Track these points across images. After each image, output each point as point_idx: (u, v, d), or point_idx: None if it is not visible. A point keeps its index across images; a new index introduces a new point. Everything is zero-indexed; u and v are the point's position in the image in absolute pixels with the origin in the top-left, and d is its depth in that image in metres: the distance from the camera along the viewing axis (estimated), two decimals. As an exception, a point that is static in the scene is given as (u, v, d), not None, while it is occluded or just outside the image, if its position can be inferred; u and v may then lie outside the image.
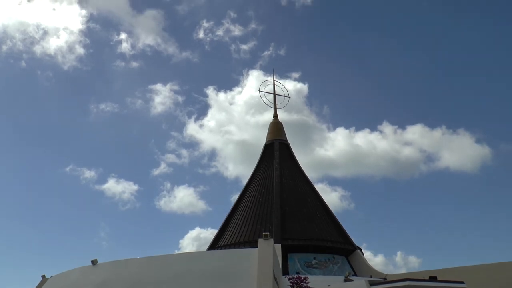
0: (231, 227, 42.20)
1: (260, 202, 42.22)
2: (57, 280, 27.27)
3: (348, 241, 40.46)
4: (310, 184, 46.76)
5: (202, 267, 22.04)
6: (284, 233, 37.11)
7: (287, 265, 35.07)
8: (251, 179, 47.88)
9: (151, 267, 23.03)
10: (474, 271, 30.68)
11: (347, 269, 37.01)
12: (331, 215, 43.21)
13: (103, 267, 24.78)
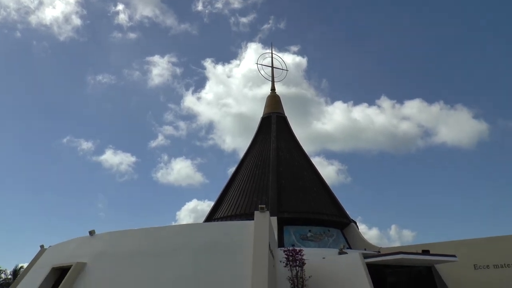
0: (227, 199, 42.47)
1: (257, 175, 42.41)
2: (55, 250, 27.53)
3: (343, 215, 40.82)
4: (306, 157, 46.91)
5: (198, 238, 22.24)
6: (280, 206, 37.37)
7: (283, 237, 35.42)
8: (248, 152, 47.99)
9: (148, 238, 23.24)
10: (466, 245, 31.11)
11: (341, 242, 37.43)
12: (327, 188, 43.48)
13: (100, 238, 25.00)
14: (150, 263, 21.64)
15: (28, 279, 26.68)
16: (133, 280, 21.16)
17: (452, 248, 28.55)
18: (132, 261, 22.11)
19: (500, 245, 30.63)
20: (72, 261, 23.57)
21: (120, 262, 22.39)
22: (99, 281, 22.01)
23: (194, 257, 21.21)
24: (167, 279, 20.56)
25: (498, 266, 30.02)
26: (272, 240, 25.04)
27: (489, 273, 30.09)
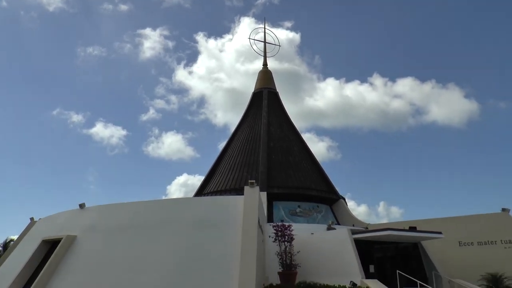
0: (217, 174, 42.62)
1: (247, 150, 42.51)
2: (45, 223, 27.59)
3: (332, 191, 41.17)
4: (297, 133, 47.03)
5: (188, 213, 22.35)
6: (270, 181, 37.57)
7: (272, 212, 35.73)
8: (239, 127, 48.01)
9: (139, 212, 23.31)
10: (452, 222, 31.68)
11: (330, 217, 37.85)
12: (317, 164, 43.74)
13: (90, 211, 25.05)
14: (141, 236, 21.79)
15: (18, 252, 26.79)
16: (123, 254, 21.32)
17: (438, 225, 29.04)
18: (122, 234, 22.24)
19: (485, 222, 31.24)
20: (63, 234, 23.67)
21: (110, 236, 22.53)
22: (89, 254, 22.16)
23: (184, 231, 21.37)
24: (157, 253, 20.73)
25: (482, 243, 30.65)
26: (262, 215, 25.27)
27: (473, 250, 30.73)
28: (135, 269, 20.39)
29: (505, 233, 30.28)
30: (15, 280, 22.88)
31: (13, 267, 24.31)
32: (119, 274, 20.40)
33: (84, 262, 21.87)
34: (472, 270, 28.33)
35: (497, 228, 30.69)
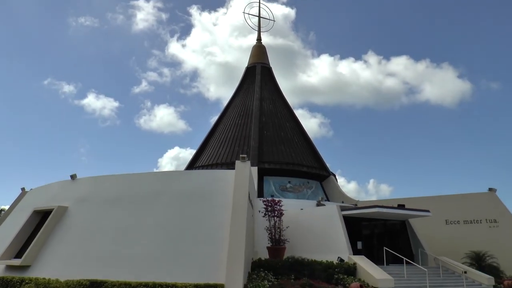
0: (209, 148, 42.68)
1: (239, 125, 42.51)
2: (36, 193, 27.65)
3: (323, 167, 41.43)
4: (290, 109, 47.03)
5: (179, 186, 22.46)
6: (261, 156, 37.71)
7: (262, 187, 35.95)
8: (231, 101, 47.89)
9: (130, 184, 23.41)
10: (440, 201, 32.14)
11: (320, 194, 38.20)
12: (309, 141, 43.88)
13: (82, 182, 25.12)
14: (132, 208, 21.94)
15: (10, 222, 26.91)
16: (114, 225, 21.50)
17: (426, 204, 29.43)
18: (113, 206, 22.38)
19: (472, 202, 31.72)
20: (54, 204, 23.77)
21: (101, 207, 22.67)
22: (80, 225, 22.32)
23: (175, 204, 21.52)
24: (148, 225, 20.92)
25: (468, 222, 31.18)
26: (252, 190, 25.46)
27: (459, 228, 31.27)
28: (126, 240, 20.60)
29: (491, 212, 30.81)
30: (7, 249, 23.06)
31: (5, 237, 24.46)
32: (110, 245, 20.61)
33: (75, 233, 22.04)
34: (457, 248, 28.90)
35: (483, 208, 31.21)
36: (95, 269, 19.23)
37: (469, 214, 31.28)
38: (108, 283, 17.76)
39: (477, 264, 27.55)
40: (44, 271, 20.29)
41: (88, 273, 18.85)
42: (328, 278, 21.71)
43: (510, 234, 29.74)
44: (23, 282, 19.48)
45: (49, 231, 22.52)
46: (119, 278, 18.03)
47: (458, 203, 32.07)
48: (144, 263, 19.26)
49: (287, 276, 20.80)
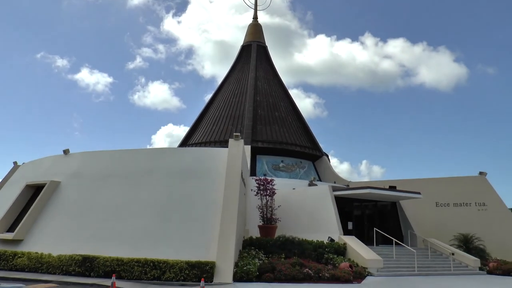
0: (203, 125, 42.62)
1: (233, 103, 42.42)
2: (28, 167, 27.59)
3: (316, 147, 41.55)
4: (284, 88, 46.92)
5: (172, 163, 22.50)
6: (255, 135, 37.74)
7: (255, 166, 36.07)
8: (226, 79, 47.71)
9: (123, 160, 23.42)
10: (431, 183, 32.40)
11: (312, 174, 38.39)
12: (303, 120, 43.91)
13: (75, 157, 25.06)
14: (124, 184, 21.99)
15: (2, 195, 26.87)
16: (106, 201, 21.56)
17: (417, 186, 29.69)
18: (106, 182, 22.42)
19: (462, 185, 32.01)
20: (46, 179, 23.76)
21: (94, 183, 22.69)
22: (73, 201, 22.35)
23: (167, 181, 21.58)
24: (140, 201, 20.99)
25: (457, 205, 31.49)
26: (245, 168, 25.54)
27: (449, 210, 31.61)
28: (118, 216, 20.70)
29: (480, 196, 31.14)
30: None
31: (-3, 210, 24.46)
32: (103, 221, 20.70)
33: (68, 208, 22.09)
34: (446, 230, 29.26)
35: (473, 191, 31.53)
36: (88, 244, 19.35)
37: (459, 197, 31.60)
38: (100, 258, 17.90)
39: (464, 246, 27.93)
40: (37, 246, 20.39)
41: (81, 248, 18.99)
42: (318, 258, 21.97)
43: (498, 217, 30.16)
44: (16, 256, 19.57)
45: (42, 205, 22.55)
46: (111, 254, 18.18)
47: (449, 186, 32.37)
48: (136, 239, 19.39)
49: (277, 254, 21.02)
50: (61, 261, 18.46)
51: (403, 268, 22.87)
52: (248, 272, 17.54)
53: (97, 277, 17.58)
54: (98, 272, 17.68)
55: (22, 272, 18.66)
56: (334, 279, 18.58)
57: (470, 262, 24.84)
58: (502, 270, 24.41)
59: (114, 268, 17.47)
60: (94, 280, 16.95)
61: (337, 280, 18.52)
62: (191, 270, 17.09)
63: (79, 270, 17.93)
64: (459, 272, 23.82)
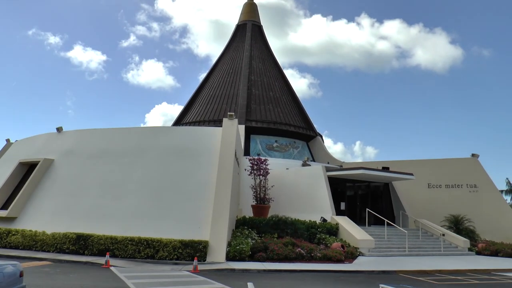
0: (197, 105, 42.46)
1: (227, 83, 42.22)
2: (21, 145, 27.47)
3: (310, 128, 41.57)
4: (279, 68, 46.70)
5: (166, 141, 22.46)
6: (249, 115, 37.67)
7: (249, 146, 36.07)
8: (220, 58, 47.38)
9: (117, 139, 23.34)
10: (424, 165, 32.60)
11: (306, 154, 38.47)
12: (297, 101, 43.83)
13: (68, 135, 24.96)
14: (118, 163, 21.99)
15: (-5, 172, 26.78)
16: (100, 179, 21.57)
17: (410, 167, 29.86)
18: (99, 160, 22.39)
19: (454, 166, 32.23)
20: (40, 157, 23.71)
21: (87, 161, 22.66)
22: (67, 179, 22.34)
23: (161, 159, 21.59)
24: (134, 180, 21.03)
25: (449, 186, 31.75)
26: (239, 148, 25.56)
27: (441, 192, 31.87)
28: (112, 195, 20.73)
29: (472, 177, 31.40)
30: (-8, 200, 23.09)
31: (-11, 187, 24.40)
32: (96, 199, 20.75)
33: (62, 186, 22.09)
34: (437, 211, 29.56)
35: (465, 173, 31.77)
36: (81, 222, 19.44)
37: (451, 179, 31.85)
38: (94, 237, 18.00)
39: (455, 227, 28.28)
40: (31, 223, 20.46)
41: (74, 226, 19.07)
42: (311, 238, 22.20)
43: (488, 199, 30.46)
44: (10, 233, 19.64)
45: (35, 183, 22.54)
46: (105, 232, 18.27)
47: (441, 167, 32.59)
48: (130, 218, 19.46)
49: (270, 234, 21.20)
50: (55, 239, 18.55)
51: (394, 249, 23.16)
52: (241, 251, 17.71)
53: (91, 255, 17.72)
54: (92, 250, 17.80)
55: (17, 250, 18.78)
56: (326, 259, 18.81)
57: (460, 243, 25.17)
58: (490, 251, 24.86)
59: (108, 246, 17.59)
60: (88, 258, 17.09)
61: (329, 260, 18.75)
62: (185, 249, 17.24)
63: (73, 248, 18.04)
64: (449, 253, 24.16)
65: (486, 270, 18.86)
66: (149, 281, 12.63)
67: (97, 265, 15.91)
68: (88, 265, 15.98)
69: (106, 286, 11.81)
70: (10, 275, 7.35)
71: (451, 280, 15.61)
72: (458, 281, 15.61)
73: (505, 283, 15.65)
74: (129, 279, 12.84)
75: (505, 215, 29.77)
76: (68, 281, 12.37)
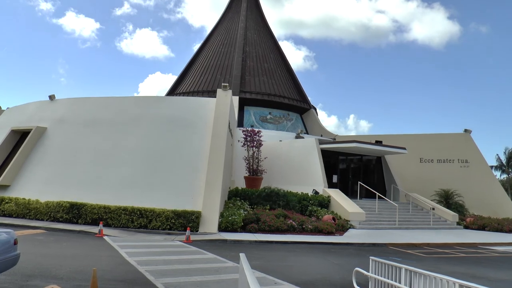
0: (191, 75, 42.21)
1: (222, 53, 41.91)
2: (13, 112, 27.27)
3: (304, 100, 41.51)
4: (274, 40, 46.33)
5: (160, 111, 22.40)
6: (243, 86, 37.51)
7: (243, 117, 36.04)
8: (215, 29, 46.90)
9: (110, 107, 23.23)
10: (417, 139, 32.77)
11: (299, 126, 38.51)
12: (292, 73, 43.64)
13: (60, 103, 24.80)
14: (111, 132, 21.95)
15: (-13, 139, 26.66)
16: (93, 148, 21.55)
17: (403, 141, 30.00)
18: (93, 129, 22.32)
19: (447, 141, 32.45)
20: (32, 125, 23.60)
21: (80, 129, 22.58)
22: (59, 147, 22.29)
23: (155, 129, 21.57)
24: (127, 149, 21.03)
25: (441, 161, 32.02)
26: (232, 119, 25.54)
27: (432, 167, 32.15)
28: (105, 164, 20.77)
29: (464, 153, 31.66)
30: (-16, 167, 23.06)
31: (-18, 154, 24.34)
32: (90, 168, 20.77)
33: (55, 155, 22.06)
34: (429, 186, 29.86)
35: (457, 148, 32.01)
36: (75, 191, 19.47)
37: (443, 154, 32.09)
38: (88, 206, 18.09)
39: (445, 202, 28.64)
40: (24, 192, 20.50)
41: (68, 195, 19.12)
42: (302, 210, 22.43)
43: (478, 174, 30.78)
44: (3, 201, 19.70)
45: (28, 151, 22.49)
46: (98, 201, 18.35)
47: (434, 142, 32.78)
48: (123, 187, 19.54)
49: (262, 206, 21.41)
50: (48, 207, 18.63)
51: (385, 222, 23.47)
52: (233, 222, 17.89)
53: (84, 224, 17.85)
54: (86, 219, 17.92)
55: (10, 218, 18.87)
56: (317, 231, 19.05)
57: (449, 217, 25.53)
58: (478, 225, 25.33)
59: (102, 215, 17.71)
60: (82, 227, 17.22)
61: (320, 232, 18.99)
62: (177, 219, 17.40)
63: (66, 217, 18.15)
64: (438, 226, 24.53)
65: (473, 244, 19.25)
66: (142, 251, 12.79)
67: (90, 234, 16.05)
68: (82, 234, 16.12)
69: (100, 255, 11.94)
70: (4, 243, 7.43)
71: (439, 253, 15.90)
72: (445, 254, 15.92)
73: (490, 257, 15.98)
74: (122, 248, 12.99)
75: (494, 190, 30.16)
76: (62, 250, 12.51)
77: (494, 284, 10.10)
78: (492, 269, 13.11)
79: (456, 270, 11.80)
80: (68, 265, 10.17)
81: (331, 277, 10.48)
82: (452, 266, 13.07)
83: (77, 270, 9.58)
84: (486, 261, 14.88)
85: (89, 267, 8.32)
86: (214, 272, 10.12)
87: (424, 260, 14.14)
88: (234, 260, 11.60)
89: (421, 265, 9.67)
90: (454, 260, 14.68)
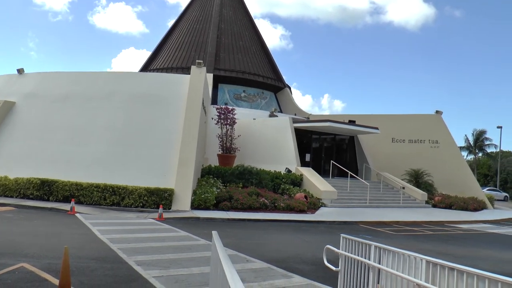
0: (165, 51, 41.63)
1: (197, 30, 41.38)
2: (-19, 86, 26.52)
3: (279, 79, 41.46)
4: (250, 18, 45.90)
5: (133, 87, 22.06)
6: (217, 63, 37.23)
7: (217, 95, 35.83)
8: (190, 5, 46.16)
9: (82, 83, 22.75)
10: (389, 119, 33.16)
11: (273, 105, 38.54)
12: (267, 51, 43.43)
13: (30, 77, 24.19)
14: (83, 108, 21.57)
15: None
16: (64, 124, 21.16)
17: (376, 121, 30.36)
18: (64, 104, 21.89)
19: (418, 122, 32.95)
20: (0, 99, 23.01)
21: (51, 104, 22.11)
22: (29, 122, 21.83)
23: (128, 105, 21.27)
24: (99, 125, 20.76)
25: (412, 141, 32.54)
26: (206, 96, 25.39)
27: (404, 147, 32.66)
28: (76, 140, 20.46)
29: (434, 133, 32.22)
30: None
31: None
32: (60, 144, 20.42)
33: (24, 130, 21.62)
34: (400, 165, 30.37)
35: (428, 129, 32.54)
36: (46, 168, 19.18)
37: (415, 134, 32.60)
38: (59, 183, 17.86)
39: (415, 181, 29.22)
40: (-8, 168, 20.06)
41: (38, 172, 18.81)
42: (275, 188, 22.60)
43: (448, 154, 31.41)
44: (-30, 177, 19.27)
45: (-4, 126, 21.97)
46: (69, 178, 18.13)
47: (406, 122, 33.24)
48: (95, 164, 19.34)
49: (235, 184, 21.48)
50: (18, 184, 18.32)
51: (356, 200, 23.87)
52: (206, 200, 17.94)
53: (56, 201, 17.65)
54: (57, 196, 17.72)
55: (-22, 194, 18.50)
56: (289, 209, 19.26)
57: (418, 196, 26.12)
58: (445, 204, 26.11)
59: (73, 192, 17.53)
60: (53, 204, 17.03)
61: (292, 210, 19.21)
62: (150, 196, 17.35)
63: (37, 194, 17.90)
64: (407, 205, 25.08)
65: (440, 222, 19.81)
66: (114, 228, 12.73)
67: (62, 211, 15.88)
68: (53, 211, 15.94)
69: (71, 232, 11.86)
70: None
71: (407, 231, 16.29)
72: (414, 231, 16.32)
73: (455, 234, 16.48)
74: (94, 226, 12.91)
75: (461, 170, 30.87)
76: (33, 227, 12.36)
77: (459, 260, 10.41)
78: (458, 246, 13.54)
79: (424, 247, 12.13)
80: (39, 243, 10.08)
81: (302, 254, 10.64)
82: (420, 243, 13.43)
83: (48, 248, 9.51)
84: (452, 238, 15.34)
85: (61, 245, 8.24)
86: (187, 250, 10.17)
87: (393, 237, 14.47)
88: (206, 238, 11.66)
89: (391, 242, 9.89)
90: (422, 237, 15.07)
